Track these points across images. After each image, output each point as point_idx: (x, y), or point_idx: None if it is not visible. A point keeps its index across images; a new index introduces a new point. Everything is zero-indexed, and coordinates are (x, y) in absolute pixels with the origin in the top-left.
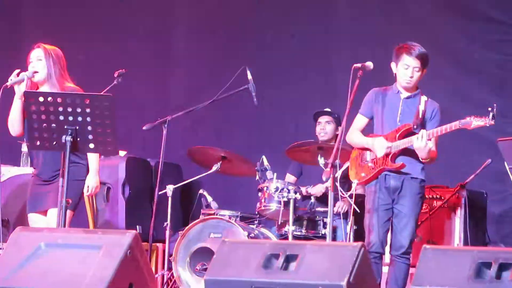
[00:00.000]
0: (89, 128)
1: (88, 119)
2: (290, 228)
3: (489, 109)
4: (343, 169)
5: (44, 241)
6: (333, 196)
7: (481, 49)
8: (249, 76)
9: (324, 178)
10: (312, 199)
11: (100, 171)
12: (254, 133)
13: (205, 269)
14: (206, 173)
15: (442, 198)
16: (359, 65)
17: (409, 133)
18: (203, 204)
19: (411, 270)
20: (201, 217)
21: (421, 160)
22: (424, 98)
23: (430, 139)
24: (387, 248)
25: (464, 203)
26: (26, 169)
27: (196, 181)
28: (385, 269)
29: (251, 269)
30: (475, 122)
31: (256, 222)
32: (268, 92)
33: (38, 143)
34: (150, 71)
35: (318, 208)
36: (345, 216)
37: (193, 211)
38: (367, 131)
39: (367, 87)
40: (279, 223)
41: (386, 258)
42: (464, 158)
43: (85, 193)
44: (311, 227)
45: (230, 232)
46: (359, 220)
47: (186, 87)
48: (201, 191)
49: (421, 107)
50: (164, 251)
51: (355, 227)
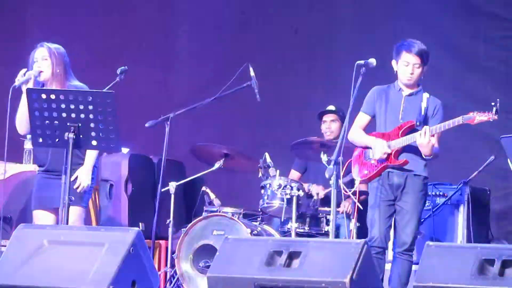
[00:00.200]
0: (92, 125)
1: (91, 116)
2: (293, 225)
3: (492, 104)
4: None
5: (47, 238)
6: (336, 196)
7: (485, 46)
8: (252, 73)
9: (327, 175)
10: (315, 197)
11: (103, 168)
12: (257, 130)
13: (208, 266)
14: (209, 170)
15: (445, 195)
16: (362, 62)
17: (412, 130)
18: (206, 201)
19: (414, 267)
20: (204, 214)
21: (424, 156)
22: (426, 95)
23: (433, 135)
24: (390, 245)
25: (467, 200)
26: (29, 166)
27: (199, 178)
28: (388, 266)
29: (254, 266)
30: (479, 117)
31: (259, 219)
32: (271, 89)
33: (41, 140)
34: (153, 68)
35: (322, 208)
36: (348, 214)
37: (196, 208)
38: (369, 129)
39: (371, 84)
40: (282, 220)
41: (389, 256)
42: (468, 155)
43: (75, 187)
44: (314, 224)
45: (233, 229)
46: (362, 218)
47: (189, 84)
48: (204, 188)
49: (423, 104)
50: (167, 248)
51: (358, 225)
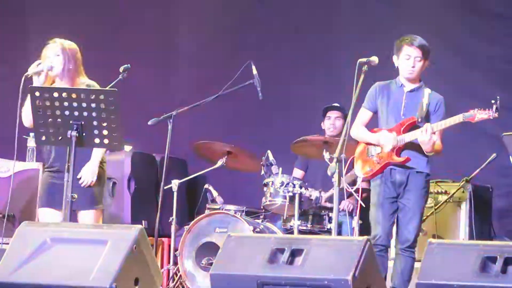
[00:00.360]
0: (95, 123)
1: (94, 114)
2: (296, 223)
3: (493, 102)
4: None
5: (50, 236)
6: (339, 194)
7: (487, 44)
8: (254, 71)
9: (330, 173)
10: (318, 194)
11: (106, 166)
12: (259, 128)
13: (211, 264)
14: (212, 168)
15: (448, 193)
16: (364, 60)
17: (414, 127)
18: (209, 199)
19: (416, 264)
20: (207, 212)
21: (426, 153)
22: (428, 91)
23: (435, 133)
24: (393, 242)
25: (470, 198)
26: (32, 164)
27: (202, 176)
28: (391, 263)
29: (257, 264)
30: (479, 115)
31: (262, 217)
32: (273, 87)
33: (44, 138)
34: (156, 66)
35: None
36: (351, 212)
37: (199, 206)
38: (371, 125)
39: (373, 82)
40: (285, 218)
41: (392, 253)
42: (470, 153)
43: (79, 176)
44: (317, 222)
45: (236, 227)
46: (365, 215)
47: (192, 82)
48: (207, 186)
49: (425, 100)
50: (170, 246)
51: (361, 222)
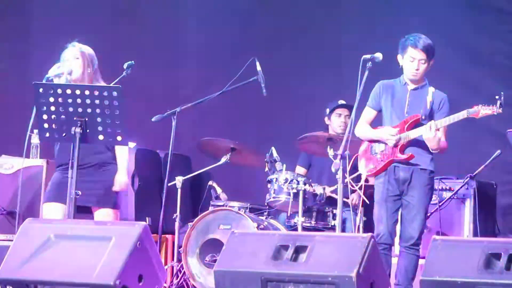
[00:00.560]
0: (98, 120)
1: (97, 111)
2: (300, 220)
3: (497, 98)
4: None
5: (54, 233)
6: (343, 190)
7: (491, 40)
8: (258, 68)
9: (334, 170)
10: (322, 191)
11: None
12: (264, 125)
13: (215, 261)
14: (216, 165)
15: (452, 189)
16: (369, 57)
17: (418, 124)
18: (213, 196)
19: (421, 262)
20: (211, 209)
21: (431, 150)
22: (432, 89)
23: (439, 129)
24: (397, 240)
25: (474, 194)
26: (36, 161)
27: (206, 173)
28: (395, 261)
29: (261, 261)
30: (483, 111)
31: (266, 214)
32: (277, 83)
33: (48, 135)
34: (160, 63)
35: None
36: (355, 208)
37: (203, 203)
38: (376, 124)
39: (377, 79)
40: (289, 215)
41: (396, 250)
42: (474, 149)
43: (115, 189)
44: (321, 219)
45: (240, 224)
46: (369, 212)
47: (196, 79)
48: (211, 183)
49: (429, 98)
50: (174, 243)
51: (365, 219)
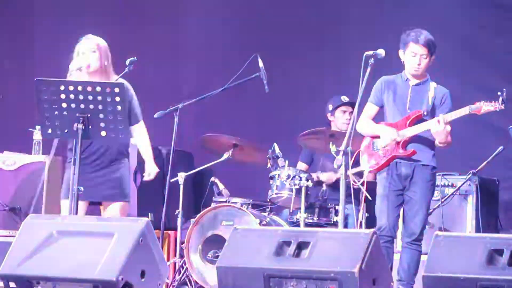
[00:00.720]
0: (101, 116)
1: (100, 107)
2: (302, 216)
3: (499, 94)
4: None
5: (57, 229)
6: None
7: (493, 36)
8: (261, 64)
9: (336, 166)
10: (324, 187)
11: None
12: (266, 121)
13: (217, 257)
14: (218, 161)
15: (454, 185)
16: (371, 53)
17: (420, 120)
18: (215, 192)
19: (423, 258)
20: (213, 205)
21: (439, 145)
22: (434, 85)
23: (448, 123)
24: (399, 236)
25: (476, 190)
26: (38, 157)
27: (208, 169)
28: (397, 256)
29: (263, 257)
30: (485, 107)
31: (268, 210)
32: (280, 80)
33: (50, 131)
34: (162, 59)
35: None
36: (357, 204)
37: (205, 199)
38: (378, 120)
39: (380, 75)
40: (291, 211)
41: (398, 246)
42: (476, 145)
43: (145, 178)
44: (323, 215)
45: (242, 220)
46: (371, 208)
47: (198, 75)
48: (213, 179)
49: (431, 94)
50: (176, 239)
51: (367, 215)
